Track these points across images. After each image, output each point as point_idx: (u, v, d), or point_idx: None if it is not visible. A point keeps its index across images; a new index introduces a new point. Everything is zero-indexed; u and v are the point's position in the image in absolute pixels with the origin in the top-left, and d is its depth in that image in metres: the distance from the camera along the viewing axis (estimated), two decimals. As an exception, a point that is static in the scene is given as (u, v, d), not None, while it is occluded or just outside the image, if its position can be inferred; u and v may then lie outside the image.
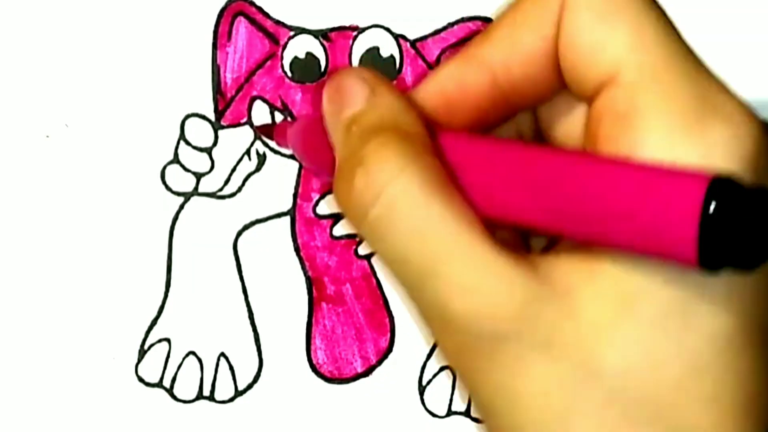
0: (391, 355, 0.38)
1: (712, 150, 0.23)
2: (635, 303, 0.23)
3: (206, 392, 0.37)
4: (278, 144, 0.36)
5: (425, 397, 0.38)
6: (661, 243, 0.21)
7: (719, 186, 0.21)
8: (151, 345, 0.37)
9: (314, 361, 0.38)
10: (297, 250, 0.38)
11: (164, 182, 0.37)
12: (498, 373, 0.25)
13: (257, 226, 0.38)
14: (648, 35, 0.25)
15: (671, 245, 0.21)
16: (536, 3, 0.27)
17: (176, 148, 0.38)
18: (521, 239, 0.30)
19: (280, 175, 0.38)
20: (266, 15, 0.38)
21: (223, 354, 0.37)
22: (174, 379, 0.37)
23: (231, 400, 0.37)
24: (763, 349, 0.24)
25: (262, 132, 0.37)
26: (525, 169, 0.25)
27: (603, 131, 0.25)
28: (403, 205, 0.25)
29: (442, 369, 0.38)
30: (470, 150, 0.27)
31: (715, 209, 0.20)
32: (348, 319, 0.38)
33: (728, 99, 0.24)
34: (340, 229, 0.38)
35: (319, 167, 0.31)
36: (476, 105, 0.28)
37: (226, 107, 0.38)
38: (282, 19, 0.38)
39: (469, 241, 0.25)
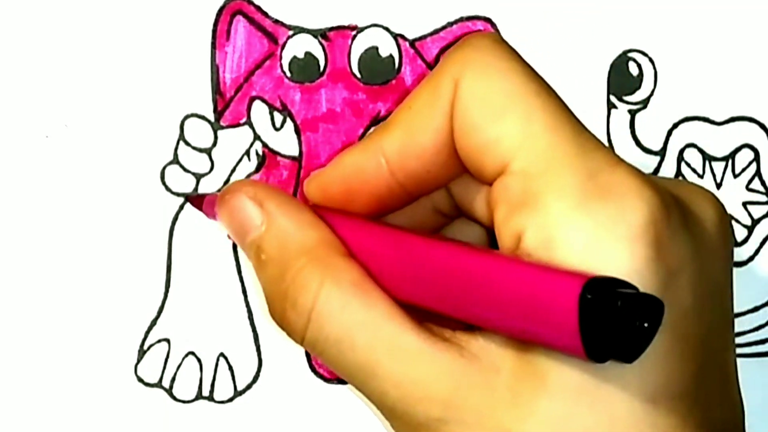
0: (390, 355, 0.38)
1: (603, 231, 0.24)
2: (550, 379, 0.25)
3: (205, 392, 0.37)
4: (207, 216, 0.37)
5: (424, 397, 0.37)
6: (551, 339, 0.23)
7: (593, 289, 0.22)
8: (151, 345, 0.37)
9: (313, 361, 0.38)
10: (296, 250, 0.38)
11: (164, 183, 0.37)
12: None
13: (257, 226, 0.38)
14: (537, 123, 0.26)
15: (561, 342, 0.23)
16: (428, 96, 0.28)
17: (176, 148, 0.38)
18: None
19: (280, 175, 0.38)
20: (265, 14, 0.38)
21: (222, 354, 0.37)
22: (173, 379, 0.37)
23: (230, 400, 0.38)
24: (684, 410, 0.25)
25: (194, 203, 0.37)
26: (415, 259, 0.27)
27: (498, 216, 0.26)
28: (328, 321, 0.28)
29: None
30: (371, 241, 0.29)
31: (586, 312, 0.22)
32: (347, 319, 0.38)
33: (618, 175, 0.25)
34: (340, 229, 0.38)
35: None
36: (375, 192, 0.30)
37: (226, 107, 0.38)
38: (281, 19, 0.38)
39: (393, 337, 0.27)
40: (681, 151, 0.38)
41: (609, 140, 0.38)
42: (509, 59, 0.27)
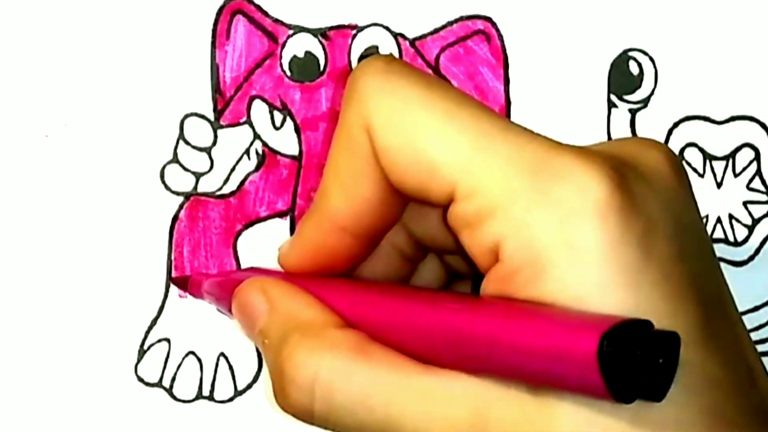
0: (390, 355, 0.37)
1: (564, 212, 0.24)
2: None
3: (206, 392, 0.37)
4: (192, 295, 0.37)
5: (425, 396, 0.37)
6: (575, 389, 0.23)
7: (611, 340, 0.22)
8: (151, 345, 0.37)
9: (314, 361, 0.37)
10: (296, 249, 0.38)
11: (163, 182, 0.37)
12: None
13: (257, 225, 0.38)
14: (462, 138, 0.25)
15: (586, 392, 0.23)
16: (349, 156, 0.27)
17: (175, 147, 0.37)
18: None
19: (280, 174, 0.38)
20: (265, 13, 0.38)
21: (222, 354, 0.37)
22: (173, 379, 0.37)
23: (230, 399, 0.37)
24: (702, 355, 0.24)
25: (177, 284, 0.37)
26: (420, 326, 0.26)
27: (465, 241, 0.26)
28: (336, 387, 0.27)
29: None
30: (371, 311, 0.28)
31: (607, 363, 0.21)
32: (347, 318, 0.38)
33: (563, 159, 0.25)
34: (340, 228, 0.38)
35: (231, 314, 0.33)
36: (346, 254, 0.29)
37: (225, 106, 0.38)
38: (281, 18, 0.38)
39: (406, 385, 0.26)
40: (681, 151, 0.38)
41: (609, 139, 0.38)
42: (403, 84, 0.26)
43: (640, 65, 0.38)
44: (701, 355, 0.24)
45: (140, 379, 0.37)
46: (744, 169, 0.38)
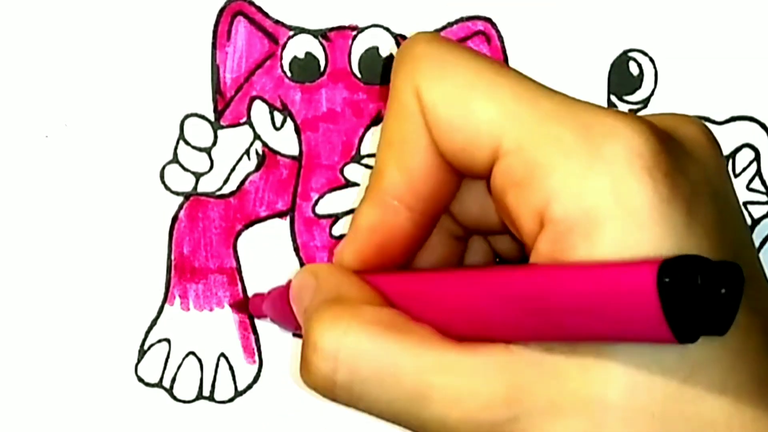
0: (390, 355, 0.37)
1: (615, 169, 0.24)
2: None
3: (206, 392, 0.37)
4: (254, 316, 0.37)
5: (425, 397, 0.37)
6: (637, 334, 0.22)
7: (668, 271, 0.21)
8: (151, 345, 0.37)
9: (314, 361, 0.37)
10: (296, 249, 0.38)
11: (163, 182, 0.37)
12: None
13: (257, 225, 0.38)
14: (508, 97, 0.25)
15: (648, 335, 0.22)
16: (400, 120, 0.27)
17: (175, 147, 0.37)
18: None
19: (280, 174, 0.38)
20: (265, 15, 0.38)
21: (222, 354, 0.37)
22: (174, 379, 0.37)
23: (231, 400, 0.37)
24: (741, 335, 0.24)
25: (236, 308, 0.37)
26: (471, 296, 0.26)
27: (511, 202, 0.25)
28: (363, 357, 0.26)
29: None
30: (424, 287, 0.28)
31: (667, 296, 0.21)
32: (348, 318, 0.38)
33: (610, 120, 0.24)
34: (340, 228, 0.38)
35: (295, 328, 0.32)
36: (405, 235, 0.29)
37: (226, 107, 0.38)
38: (281, 19, 0.38)
39: (439, 357, 0.26)
40: (681, 151, 0.38)
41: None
42: (449, 48, 0.27)
43: (640, 65, 0.38)
44: (747, 321, 0.24)
45: (140, 380, 0.37)
46: (744, 169, 0.38)
